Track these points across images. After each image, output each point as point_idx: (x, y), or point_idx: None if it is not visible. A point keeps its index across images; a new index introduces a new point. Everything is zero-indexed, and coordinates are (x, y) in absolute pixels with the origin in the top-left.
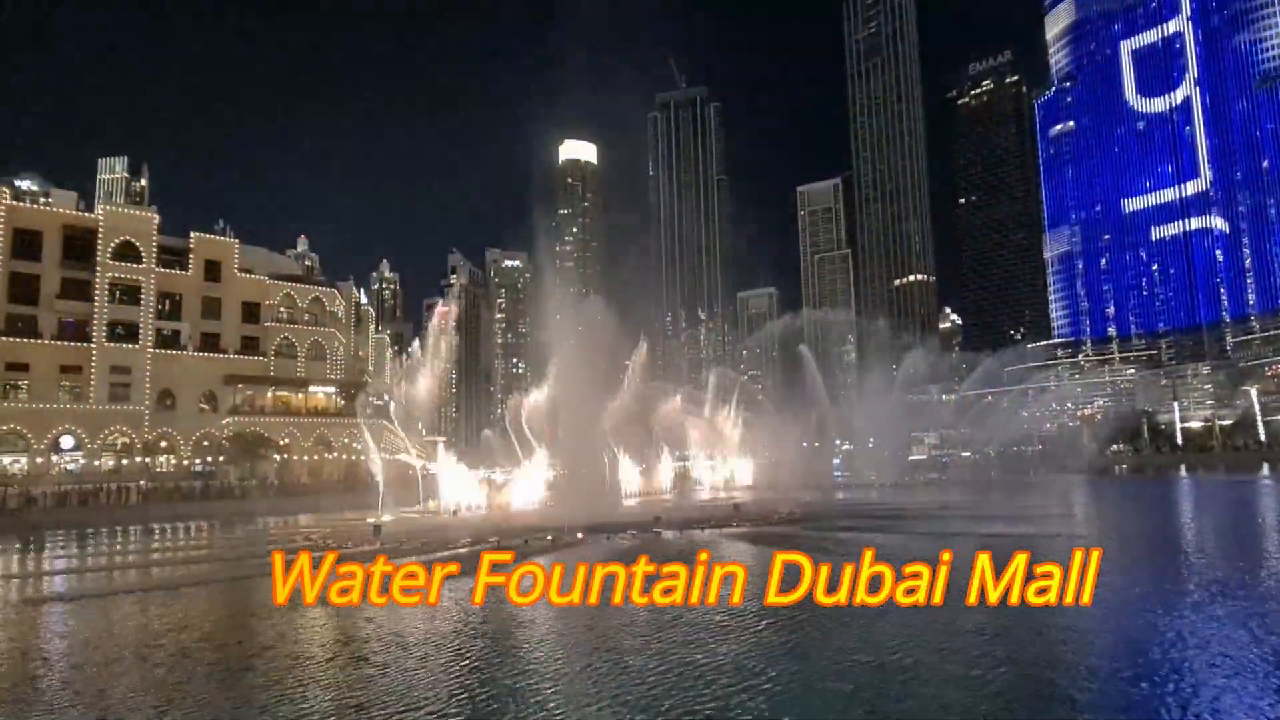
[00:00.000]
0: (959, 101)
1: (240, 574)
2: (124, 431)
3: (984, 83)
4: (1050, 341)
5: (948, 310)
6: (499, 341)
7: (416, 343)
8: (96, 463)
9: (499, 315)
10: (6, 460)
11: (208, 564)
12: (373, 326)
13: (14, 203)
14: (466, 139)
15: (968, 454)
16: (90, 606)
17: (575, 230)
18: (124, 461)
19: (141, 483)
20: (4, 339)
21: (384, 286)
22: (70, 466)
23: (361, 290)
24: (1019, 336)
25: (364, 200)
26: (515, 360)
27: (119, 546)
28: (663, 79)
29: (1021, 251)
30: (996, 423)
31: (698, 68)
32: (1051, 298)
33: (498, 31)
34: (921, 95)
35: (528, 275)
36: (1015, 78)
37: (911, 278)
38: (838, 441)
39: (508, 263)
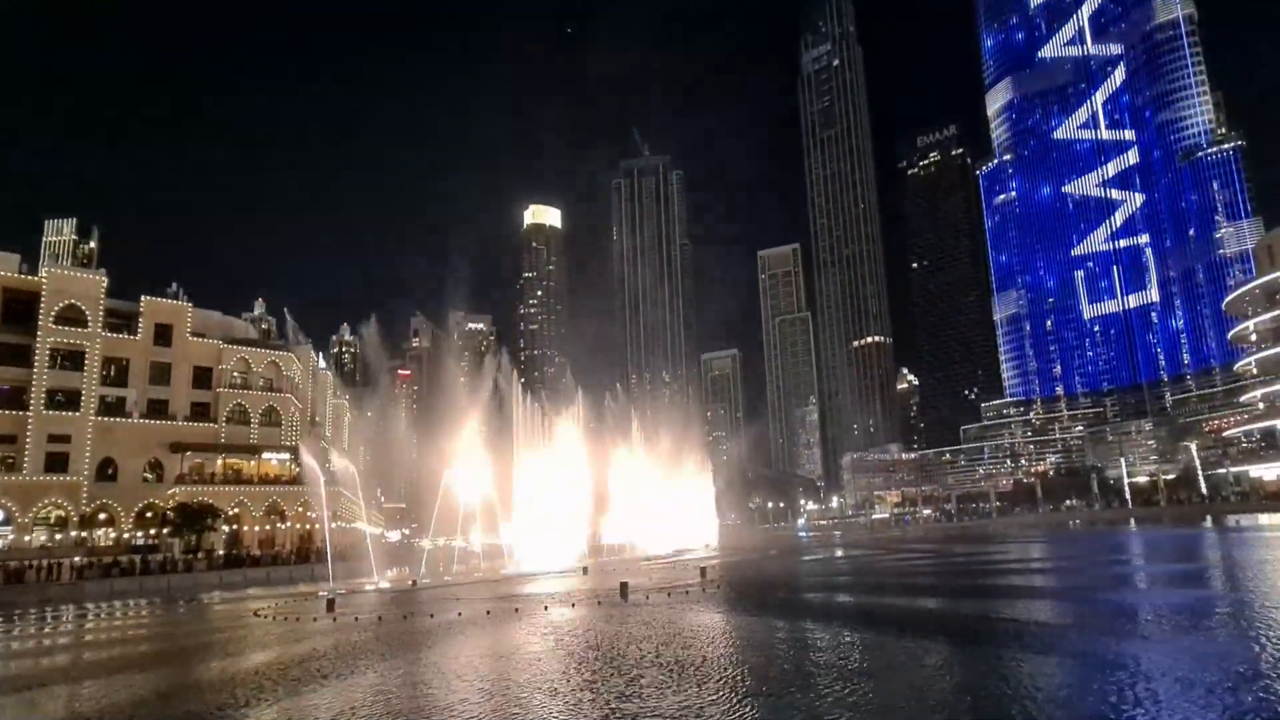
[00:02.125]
0: (909, 172)
1: (176, 651)
2: (59, 504)
3: (931, 154)
4: (1003, 400)
5: (905, 370)
6: (461, 405)
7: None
8: (28, 538)
9: (462, 380)
10: None
11: (134, 646)
12: (331, 391)
13: None
14: (429, 201)
15: (928, 511)
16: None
17: (539, 293)
18: (58, 536)
19: (76, 558)
20: None
21: (344, 350)
22: None
23: (320, 354)
24: (973, 396)
25: (327, 263)
26: (478, 424)
27: (45, 629)
28: (627, 146)
29: (973, 314)
30: (955, 481)
31: (661, 136)
32: (1002, 358)
33: (464, 94)
34: (874, 165)
35: (491, 338)
36: (961, 150)
37: (869, 339)
38: (802, 502)
39: (471, 325)
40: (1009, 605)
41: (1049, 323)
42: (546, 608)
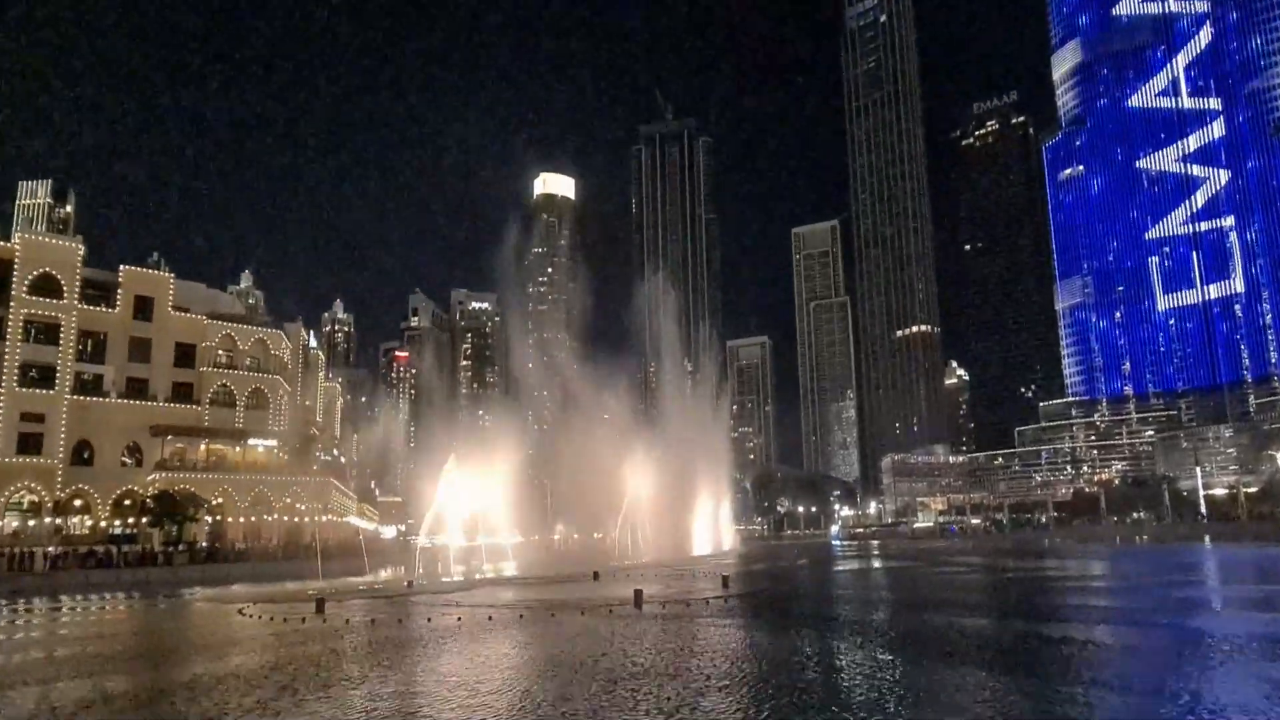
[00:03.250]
0: (963, 142)
1: (155, 651)
2: (33, 488)
3: (989, 123)
4: (1064, 400)
5: (953, 364)
6: (463, 391)
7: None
8: None
9: (464, 362)
10: None
11: (110, 644)
12: (323, 373)
13: None
14: (432, 169)
15: (977, 521)
16: None
17: (550, 271)
18: (31, 522)
19: (50, 547)
20: None
21: (337, 329)
22: None
23: (311, 333)
24: (1030, 394)
25: (317, 234)
26: (481, 413)
27: (17, 622)
28: (648, 109)
29: (1032, 303)
30: (1007, 488)
31: (686, 98)
32: (1064, 353)
33: (471, 52)
34: (923, 134)
35: (496, 318)
36: (1022, 119)
37: (914, 329)
38: (837, 507)
39: (475, 304)
40: (1064, 627)
41: (1118, 314)
42: (554, 614)
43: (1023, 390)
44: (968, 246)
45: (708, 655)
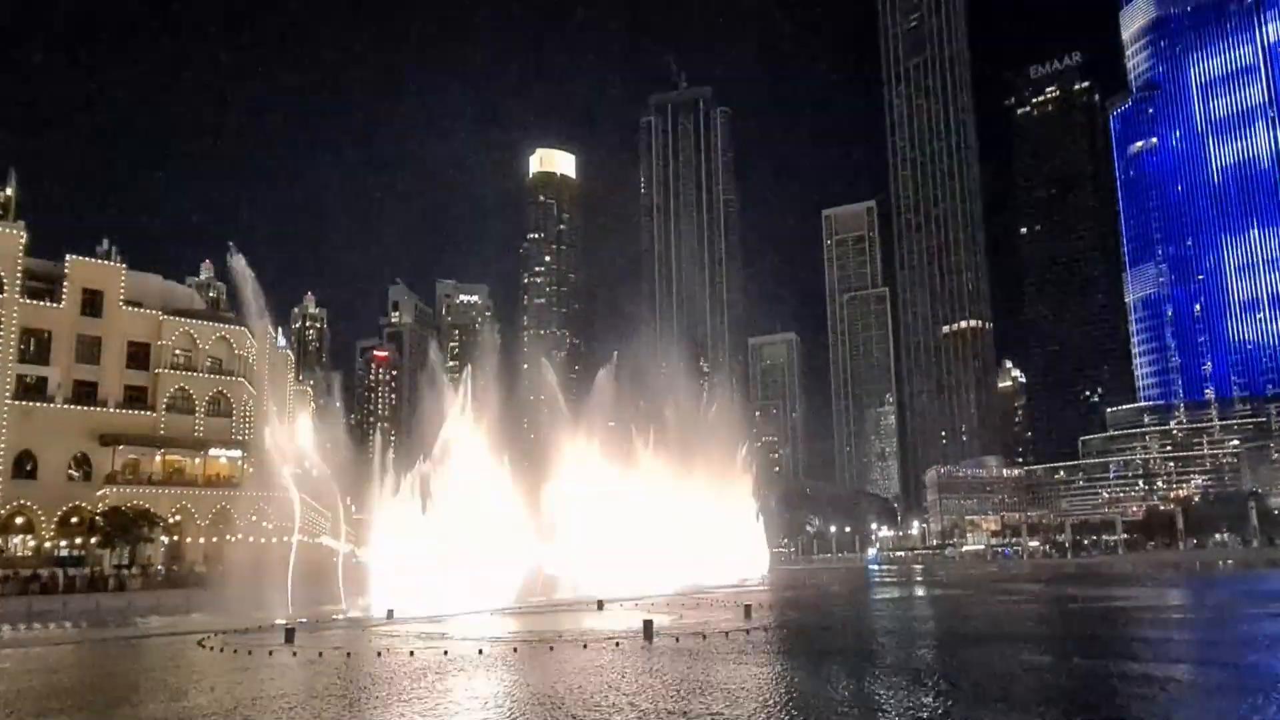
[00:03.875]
0: (1019, 110)
1: (106, 688)
2: None
3: (1049, 89)
4: (1135, 405)
5: (1008, 364)
6: (450, 395)
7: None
8: None
9: (451, 362)
10: None
11: (55, 678)
12: (292, 375)
13: None
14: (414, 144)
15: (1035, 543)
16: None
17: (548, 259)
18: None
19: None
20: None
21: (308, 325)
22: None
23: (279, 330)
24: (1096, 398)
25: (286, 218)
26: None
27: None
28: (659, 77)
29: (1098, 294)
30: (1070, 506)
31: (702, 64)
32: (1135, 351)
33: (455, 7)
34: (973, 102)
35: (487, 313)
36: (1086, 83)
37: (963, 323)
38: (874, 526)
39: (463, 298)
40: (1138, 666)
41: (1198, 307)
42: (552, 648)
43: (1087, 394)
44: (1024, 230)
45: (725, 698)
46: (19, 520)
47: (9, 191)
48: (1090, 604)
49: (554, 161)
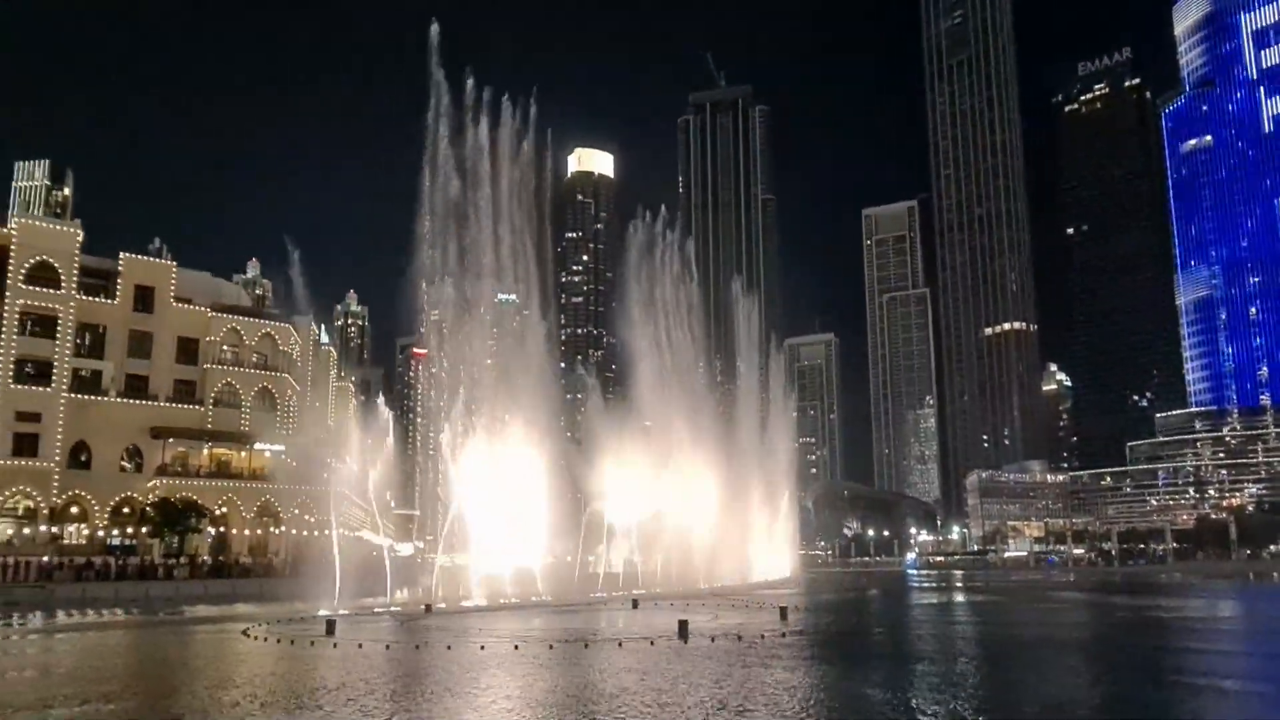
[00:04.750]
0: (1065, 109)
1: (156, 675)
2: (28, 493)
3: (1097, 86)
4: (1186, 410)
5: (1053, 368)
6: (489, 395)
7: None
8: None
9: (489, 361)
10: None
11: (108, 662)
12: (334, 371)
13: None
14: (453, 140)
15: (1079, 550)
16: None
17: (585, 258)
18: (26, 530)
19: (45, 557)
20: None
21: (350, 323)
22: None
23: (323, 327)
24: (1144, 403)
25: (329, 217)
26: (506, 417)
27: (10, 638)
28: (698, 75)
29: (1147, 296)
30: (1116, 513)
31: (740, 62)
32: (1187, 355)
33: (495, 9)
34: (1018, 100)
35: (525, 312)
36: (1136, 80)
37: (1006, 326)
38: (913, 531)
39: (501, 296)
40: (1185, 679)
41: (1253, 310)
42: (586, 645)
43: (1135, 398)
44: (1070, 230)
45: (760, 702)
46: (74, 509)
47: (67, 191)
48: (1136, 615)
49: (592, 161)
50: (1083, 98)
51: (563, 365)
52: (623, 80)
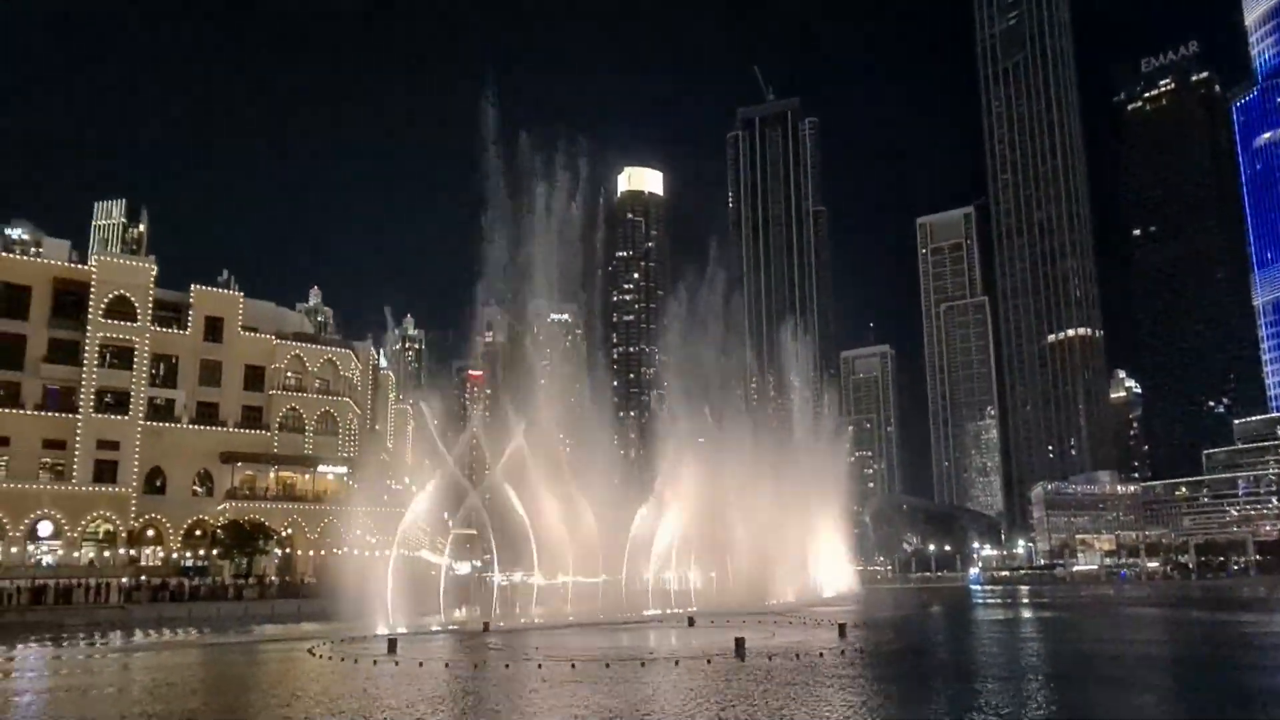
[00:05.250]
0: (1129, 107)
1: (231, 691)
2: (108, 517)
3: (1162, 82)
4: (1266, 416)
5: (1121, 374)
6: (542, 413)
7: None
8: (76, 554)
9: (543, 381)
10: None
11: (187, 676)
12: (393, 395)
13: (3, 254)
14: (507, 164)
15: (1154, 564)
16: None
17: (636, 276)
18: (106, 553)
19: (124, 579)
20: None
21: (407, 346)
22: (46, 558)
23: (381, 352)
24: (1221, 409)
25: (386, 243)
26: (562, 436)
27: (95, 657)
28: (746, 90)
29: (1221, 298)
30: (1193, 524)
31: (788, 74)
32: (1266, 357)
33: (545, 32)
34: (1078, 100)
35: (578, 332)
36: (1204, 74)
37: (1070, 332)
38: (976, 545)
39: (554, 316)
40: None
41: None
42: (643, 664)
43: (1211, 404)
44: (1136, 231)
45: None
46: (150, 532)
47: (141, 228)
48: (1222, 630)
49: (642, 179)
50: (1147, 95)
51: (615, 383)
52: (670, 98)
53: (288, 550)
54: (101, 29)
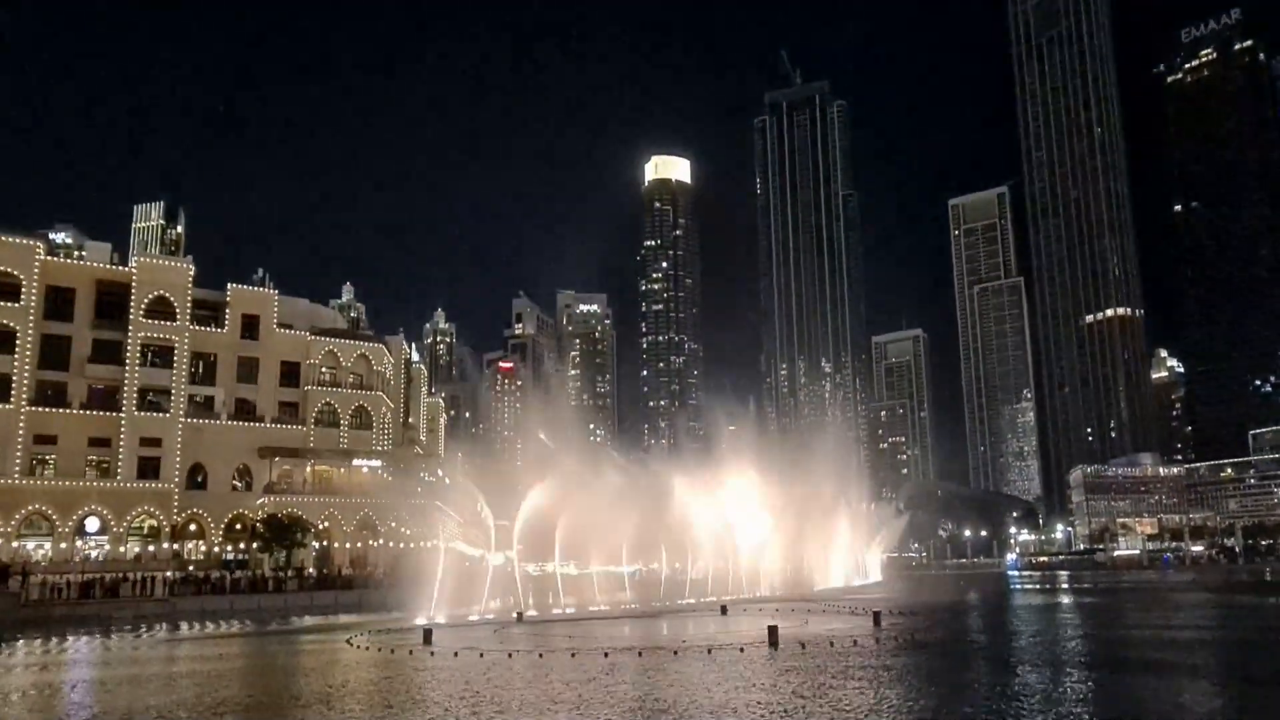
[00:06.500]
0: (1169, 79)
1: (278, 682)
2: (152, 513)
3: (1204, 52)
4: None
5: (1162, 354)
6: (572, 403)
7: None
8: (122, 548)
9: (573, 372)
10: (30, 545)
11: (231, 664)
12: (425, 388)
13: (48, 258)
14: (533, 160)
15: (1199, 548)
16: None
17: (664, 265)
18: (150, 547)
19: (169, 572)
20: (34, 409)
21: (438, 340)
22: (94, 553)
23: (413, 345)
24: (1268, 388)
25: (417, 239)
26: (593, 426)
27: (141, 650)
28: (772, 74)
29: (1268, 273)
30: (1240, 507)
31: (816, 58)
32: None
33: (569, 27)
34: (1115, 73)
35: (607, 322)
36: (1248, 43)
37: (1109, 312)
38: (1013, 531)
39: (583, 307)
40: None
41: None
42: (676, 653)
43: (1258, 383)
44: (1178, 207)
45: (857, 713)
46: (193, 527)
47: (180, 229)
48: (1274, 614)
49: (669, 167)
50: (1187, 65)
51: (644, 373)
52: (697, 85)
53: (325, 543)
54: (136, 31)
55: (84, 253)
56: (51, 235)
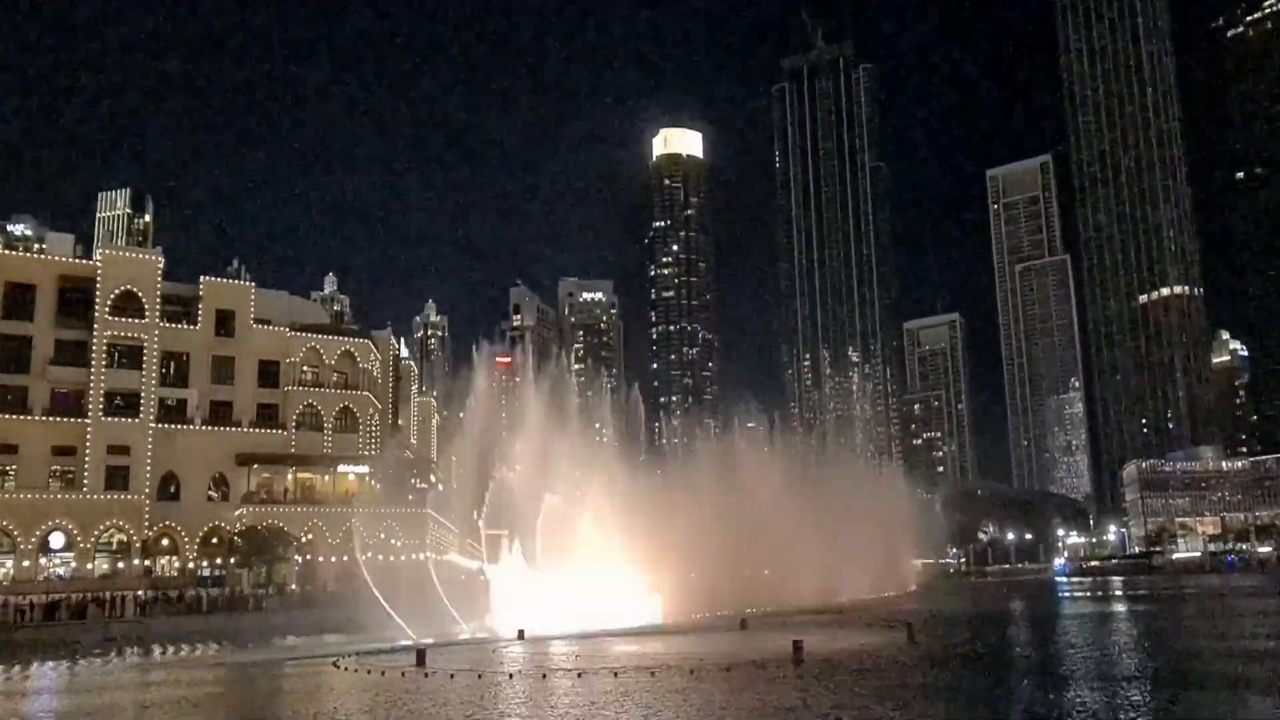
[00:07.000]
0: (1229, 34)
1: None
2: (121, 526)
3: (1267, 3)
4: None
5: (1225, 336)
6: (575, 400)
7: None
8: (89, 565)
9: (575, 365)
10: None
11: (209, 694)
12: (415, 386)
13: (5, 252)
14: (530, 134)
15: (1267, 549)
16: None
17: (675, 248)
18: (120, 564)
19: (140, 591)
20: None
21: (429, 334)
22: (59, 571)
23: (402, 340)
24: None
25: (405, 223)
26: (598, 425)
27: (109, 679)
28: (792, 37)
29: None
30: None
31: (840, 18)
32: None
33: None
34: (1170, 30)
35: (613, 311)
36: None
37: (1165, 291)
38: (1061, 533)
39: (586, 295)
40: None
41: None
42: (691, 672)
43: None
44: (1240, 174)
45: None
46: (165, 541)
47: (147, 218)
48: None
49: (680, 141)
50: (1249, 19)
51: (654, 366)
52: (709, 49)
53: (308, 556)
54: (98, 12)
55: (44, 245)
56: (9, 227)
